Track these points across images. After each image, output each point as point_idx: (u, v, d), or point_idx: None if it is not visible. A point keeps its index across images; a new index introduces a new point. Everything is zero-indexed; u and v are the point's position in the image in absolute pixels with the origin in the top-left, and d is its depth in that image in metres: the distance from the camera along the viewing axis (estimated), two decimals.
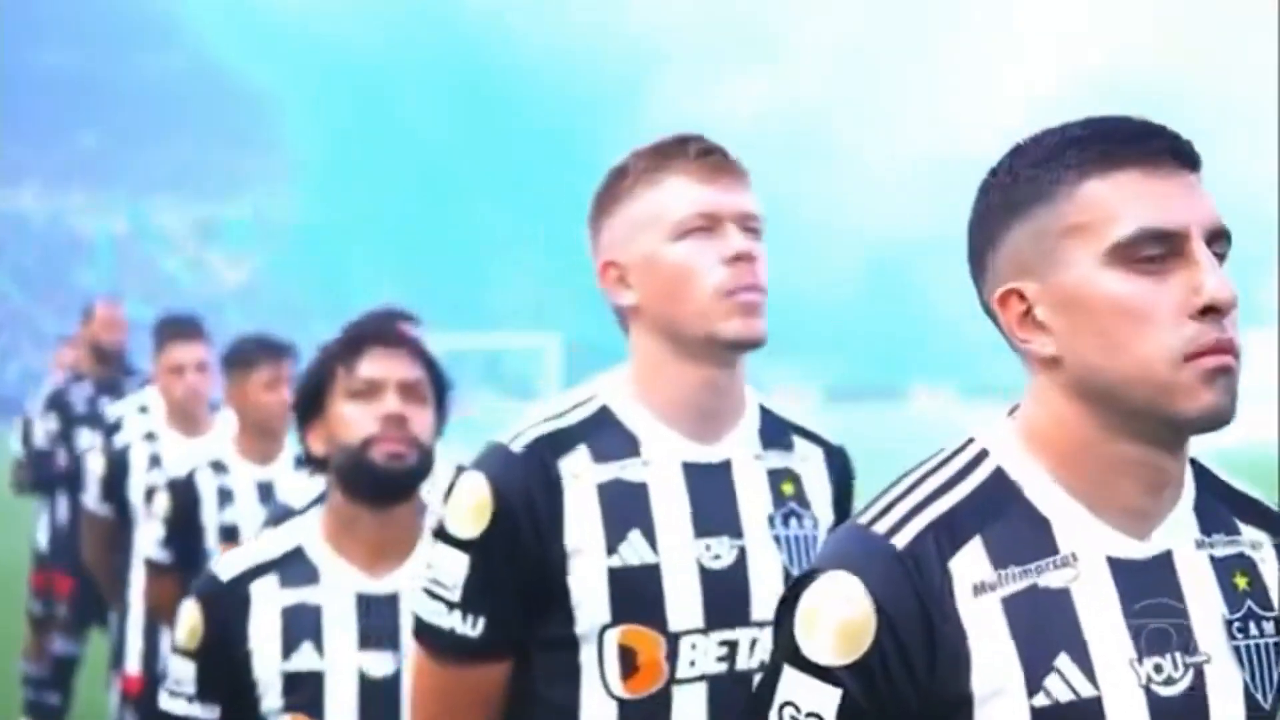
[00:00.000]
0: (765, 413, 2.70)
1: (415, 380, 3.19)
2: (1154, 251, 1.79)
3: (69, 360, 10.24)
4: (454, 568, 2.57)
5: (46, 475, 9.05)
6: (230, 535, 5.58)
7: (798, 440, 2.72)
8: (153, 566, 5.70)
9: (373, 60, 67.06)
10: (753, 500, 2.61)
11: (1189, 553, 1.87)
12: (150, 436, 6.49)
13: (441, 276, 63.95)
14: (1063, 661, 1.78)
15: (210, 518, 5.59)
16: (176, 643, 3.19)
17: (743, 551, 2.57)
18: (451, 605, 2.57)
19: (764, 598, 2.55)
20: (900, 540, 1.81)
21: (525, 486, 2.53)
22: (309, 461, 3.27)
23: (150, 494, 6.24)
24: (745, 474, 2.62)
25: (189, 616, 3.16)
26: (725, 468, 2.61)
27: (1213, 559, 1.88)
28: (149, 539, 5.70)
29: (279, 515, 4.17)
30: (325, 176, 65.45)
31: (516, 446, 2.57)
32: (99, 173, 64.14)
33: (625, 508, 2.55)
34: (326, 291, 62.99)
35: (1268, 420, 24.75)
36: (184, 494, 5.60)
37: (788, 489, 2.64)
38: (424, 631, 2.61)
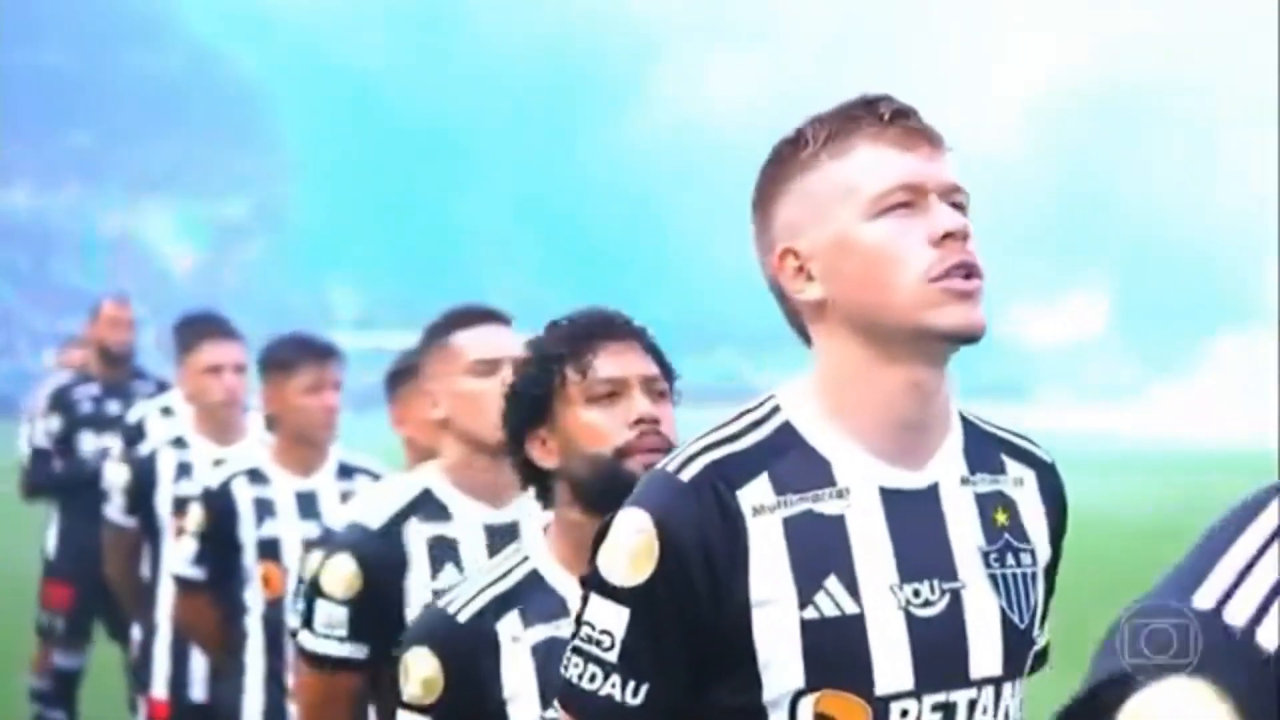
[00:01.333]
0: (968, 425, 2.26)
1: (656, 375, 2.79)
2: None
3: (76, 360, 9.87)
4: (612, 623, 2.11)
5: (42, 478, 8.62)
6: (269, 550, 5.18)
7: (1008, 460, 2.28)
8: (183, 584, 5.30)
9: (369, 55, 66.75)
10: (964, 534, 2.17)
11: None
12: (179, 443, 6.07)
13: (438, 274, 63.64)
14: None
15: (248, 531, 5.18)
16: (407, 697, 2.74)
17: (956, 596, 2.14)
18: (609, 668, 2.12)
19: (983, 651, 2.13)
20: None
21: (699, 523, 2.08)
22: (527, 476, 2.84)
23: (180, 505, 5.86)
24: (954, 502, 2.17)
25: (421, 665, 2.70)
26: (932, 495, 2.16)
27: None
28: (180, 554, 5.29)
29: (351, 536, 3.74)
30: (322, 174, 65.15)
31: (685, 475, 2.11)
32: (93, 171, 63.74)
33: (820, 548, 2.10)
34: (322, 290, 62.57)
35: (1268, 419, 24.32)
36: (219, 506, 5.19)
37: (1001, 518, 2.21)
38: (575, 698, 2.15)
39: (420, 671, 2.71)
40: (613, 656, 2.11)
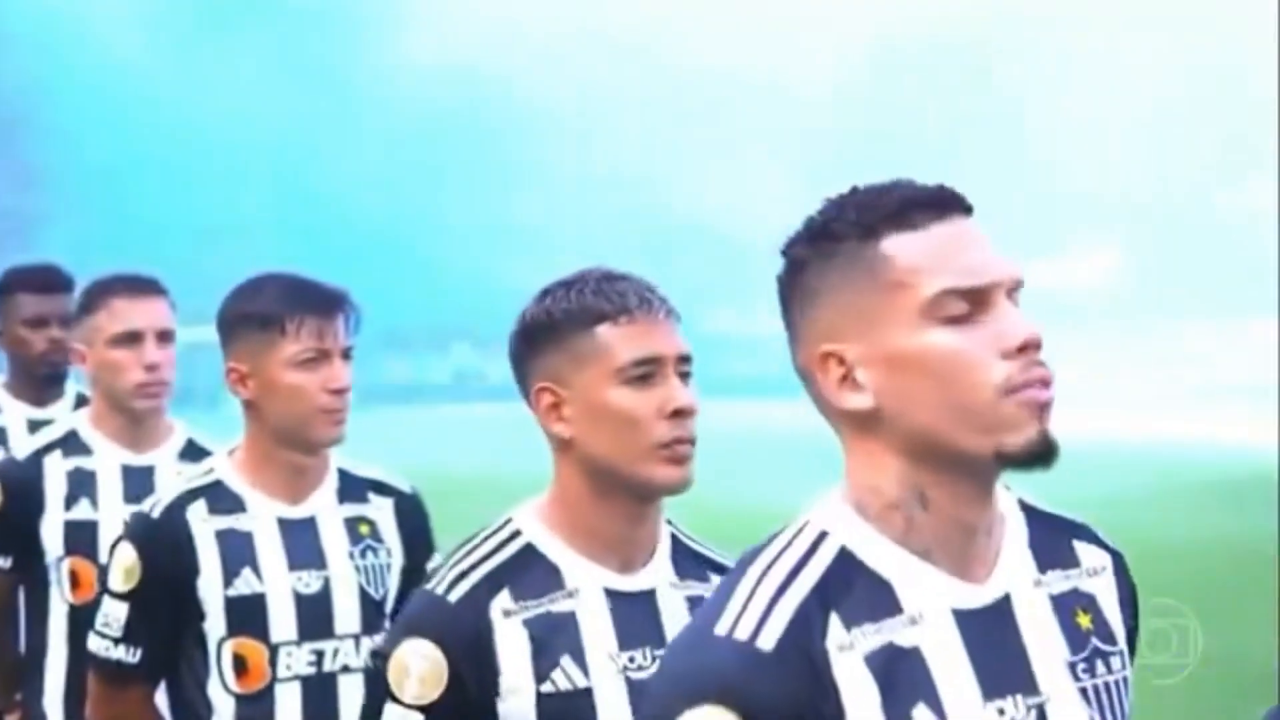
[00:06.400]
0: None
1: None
2: None
3: None
4: None
5: None
6: (246, 614, 3.28)
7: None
8: (106, 671, 3.34)
9: (210, 45, 64.32)
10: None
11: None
12: (72, 443, 4.07)
13: (202, 270, 61.65)
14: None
15: (211, 590, 3.28)
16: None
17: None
18: None
19: None
20: None
21: None
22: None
23: (74, 536, 3.96)
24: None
25: None
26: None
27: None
28: (101, 625, 3.33)
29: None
30: (74, 181, 62.85)
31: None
32: None
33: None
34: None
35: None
36: (164, 548, 3.29)
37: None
38: None
39: None
40: None
